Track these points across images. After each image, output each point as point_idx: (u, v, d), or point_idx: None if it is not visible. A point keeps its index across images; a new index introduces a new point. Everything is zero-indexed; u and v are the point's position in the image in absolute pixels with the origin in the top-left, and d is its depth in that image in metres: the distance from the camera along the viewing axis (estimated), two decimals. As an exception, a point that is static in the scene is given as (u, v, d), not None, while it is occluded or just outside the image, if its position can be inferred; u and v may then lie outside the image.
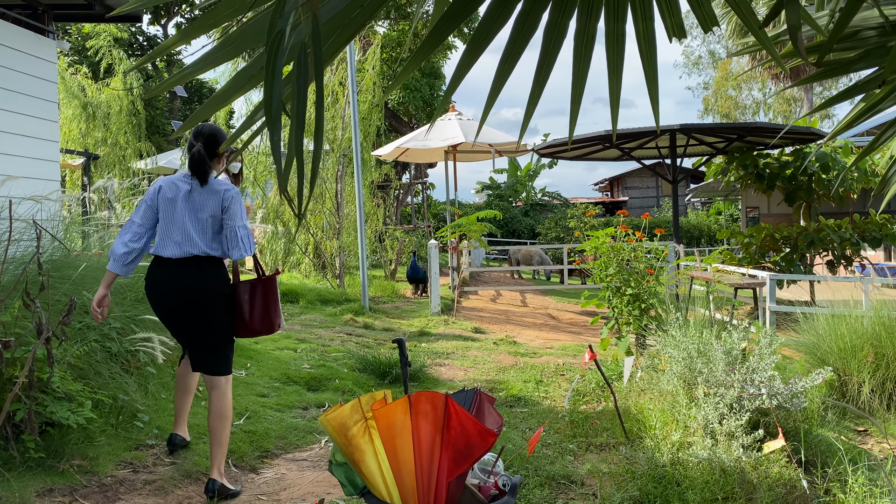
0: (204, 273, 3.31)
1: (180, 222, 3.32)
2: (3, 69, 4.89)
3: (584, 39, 1.91)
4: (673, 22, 1.85)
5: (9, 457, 3.07)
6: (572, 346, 7.69)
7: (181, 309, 3.30)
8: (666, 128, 9.93)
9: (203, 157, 3.34)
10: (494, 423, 2.23)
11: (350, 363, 6.03)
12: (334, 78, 10.93)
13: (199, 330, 3.33)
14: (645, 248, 6.02)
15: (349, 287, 10.95)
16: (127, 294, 4.51)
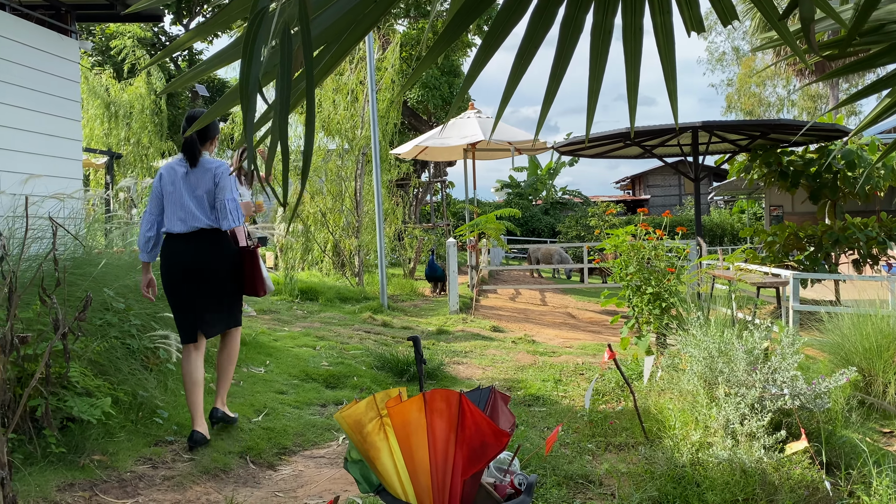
0: (210, 242, 3.83)
1: (182, 201, 3.82)
2: (27, 69, 4.96)
3: (601, 34, 1.89)
4: (691, 15, 1.83)
5: (30, 452, 3.12)
6: (592, 345, 7.64)
7: (193, 276, 3.80)
8: (687, 125, 9.83)
9: (194, 141, 3.84)
10: (508, 423, 2.22)
11: (368, 361, 6.04)
12: (353, 77, 10.96)
13: (210, 292, 3.84)
14: (666, 247, 5.96)
15: (368, 285, 10.98)
16: (147, 291, 4.55)
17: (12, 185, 4.79)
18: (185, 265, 3.80)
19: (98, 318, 3.99)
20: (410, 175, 16.23)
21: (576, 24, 1.86)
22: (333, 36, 1.57)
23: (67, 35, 5.27)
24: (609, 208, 22.05)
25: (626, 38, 1.90)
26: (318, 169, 11.22)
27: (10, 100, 4.80)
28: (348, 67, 11.09)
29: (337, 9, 1.58)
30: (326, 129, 11.34)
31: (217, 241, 3.85)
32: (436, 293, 11.71)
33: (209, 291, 3.84)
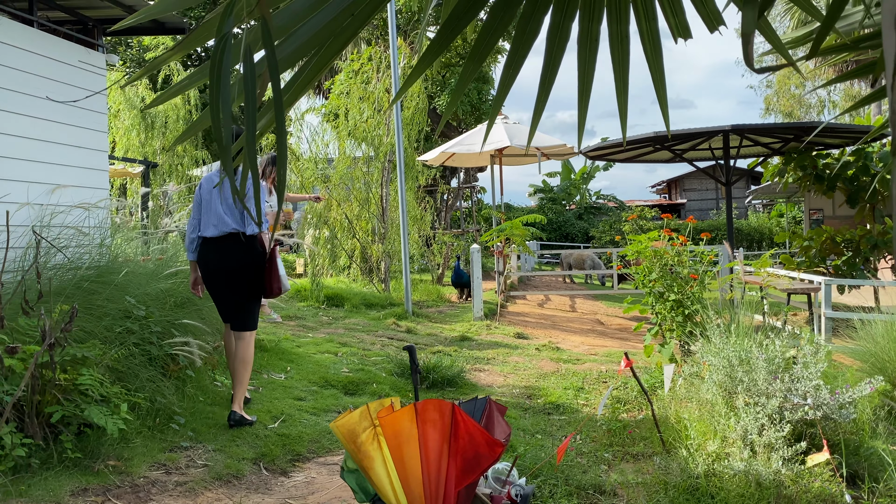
0: (237, 246, 4.29)
1: (215, 208, 4.31)
2: (56, 83, 5.11)
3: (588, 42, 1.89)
4: (677, 21, 1.81)
5: (47, 457, 3.20)
6: (618, 352, 7.56)
7: (221, 275, 4.31)
8: (717, 129, 9.67)
9: None
10: (503, 433, 2.20)
11: (389, 367, 6.06)
12: (380, 85, 11.04)
13: (231, 291, 4.33)
14: (690, 253, 5.87)
15: (394, 291, 11.02)
16: (167, 300, 4.64)
17: (39, 195, 4.93)
18: (216, 265, 4.31)
19: (118, 326, 4.08)
20: (438, 181, 16.25)
21: (562, 32, 1.86)
22: (310, 50, 1.59)
23: (94, 49, 5.41)
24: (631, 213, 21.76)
25: (612, 45, 1.89)
26: (345, 176, 11.31)
27: (38, 113, 4.95)
28: (374, 76, 11.17)
29: (313, 24, 1.59)
30: (353, 136, 11.43)
31: (244, 244, 4.30)
32: (462, 299, 11.71)
33: (232, 290, 4.34)
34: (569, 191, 38.40)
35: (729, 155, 10.82)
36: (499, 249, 11.00)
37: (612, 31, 1.84)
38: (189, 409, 4.23)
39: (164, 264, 5.24)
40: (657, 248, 5.79)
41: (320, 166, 11.70)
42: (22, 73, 4.86)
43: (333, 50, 1.62)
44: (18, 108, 4.85)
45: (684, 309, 5.48)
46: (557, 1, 1.80)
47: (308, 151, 11.69)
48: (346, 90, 11.70)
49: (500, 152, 11.87)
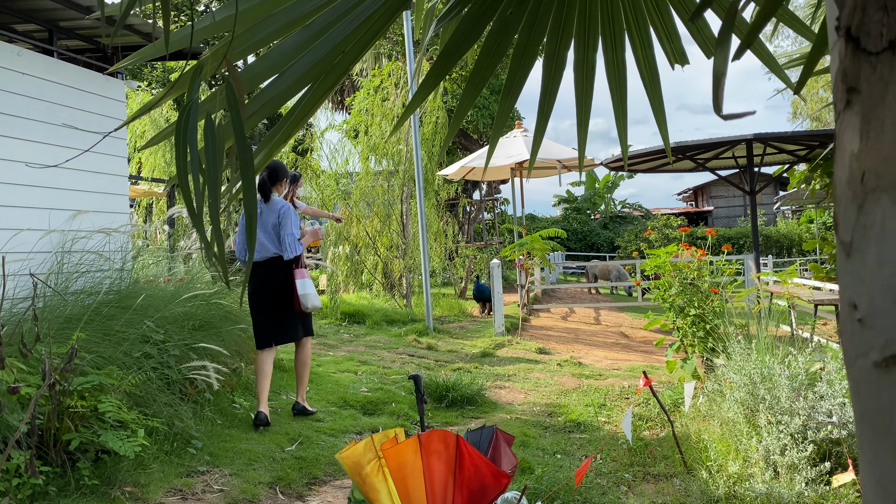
0: (277, 269, 4.79)
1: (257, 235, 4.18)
2: (76, 111, 5.21)
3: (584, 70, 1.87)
4: (673, 48, 1.79)
5: (64, 484, 3.24)
6: (642, 367, 7.46)
7: (270, 296, 4.79)
8: (739, 138, 9.56)
9: (265, 182, 4.87)
10: (509, 464, 2.18)
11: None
12: (398, 101, 11.10)
13: (277, 309, 4.80)
14: (710, 265, 5.79)
15: (416, 307, 11.03)
16: (186, 323, 4.69)
17: (61, 222, 5.03)
18: (259, 287, 4.80)
19: (137, 351, 4.13)
20: (460, 195, 16.27)
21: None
22: (299, 89, 1.59)
23: (114, 76, 5.51)
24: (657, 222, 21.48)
25: (609, 72, 1.88)
26: (366, 192, 11.38)
27: (58, 141, 5.05)
28: (393, 92, 11.25)
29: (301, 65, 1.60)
30: (374, 152, 11.50)
31: (281, 267, 4.79)
32: (484, 314, 11.67)
33: (276, 308, 4.80)
34: (593, 200, 38.19)
35: (753, 163, 10.67)
36: (520, 263, 10.96)
37: (608, 58, 1.83)
38: (207, 432, 4.26)
39: (185, 286, 5.29)
40: (676, 262, 5.72)
41: (341, 183, 11.78)
42: (43, 102, 4.97)
43: (325, 87, 1.62)
44: (40, 136, 4.96)
45: (705, 324, 5.40)
46: (552, 30, 1.80)
47: (329, 168, 11.78)
48: (367, 107, 11.79)
49: (521, 165, 11.85)
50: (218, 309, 5.17)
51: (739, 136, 9.58)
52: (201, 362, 4.33)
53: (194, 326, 4.78)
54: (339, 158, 11.69)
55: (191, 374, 4.29)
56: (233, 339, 5.14)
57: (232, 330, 5.16)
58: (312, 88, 1.66)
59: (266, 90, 1.61)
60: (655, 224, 23.59)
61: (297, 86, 1.63)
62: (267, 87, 1.61)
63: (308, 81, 1.63)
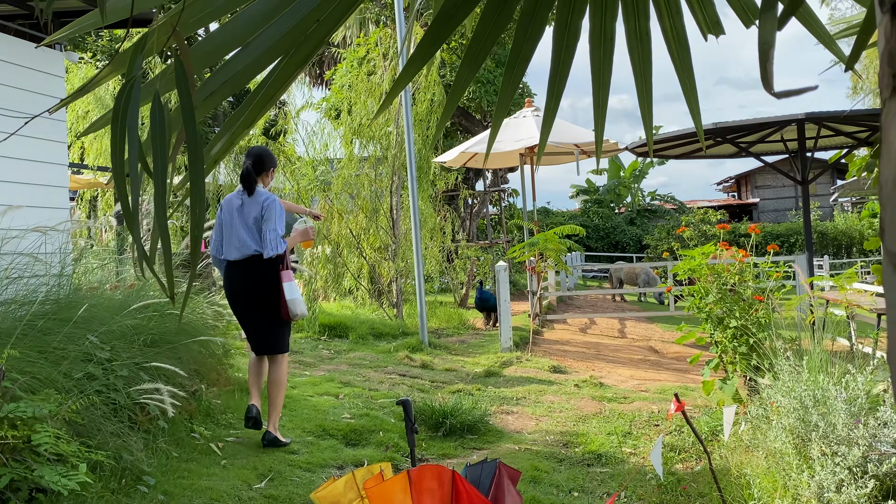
0: (259, 269, 4.93)
1: (237, 231, 4.95)
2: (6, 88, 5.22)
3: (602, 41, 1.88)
4: (705, 16, 1.79)
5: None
6: (674, 388, 7.48)
7: (245, 299, 4.98)
8: (790, 117, 9.58)
9: (250, 172, 5.02)
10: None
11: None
12: (387, 76, 11.12)
13: (258, 315, 5.00)
14: (754, 268, 5.80)
15: (408, 317, 11.04)
16: (135, 338, 4.69)
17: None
18: (239, 289, 5.00)
19: (77, 371, 4.13)
20: (460, 185, 16.28)
21: (570, 31, 1.86)
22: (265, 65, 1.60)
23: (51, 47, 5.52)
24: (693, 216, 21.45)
25: (630, 44, 1.88)
26: (349, 183, 11.40)
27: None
28: (381, 64, 11.26)
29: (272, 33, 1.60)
30: (358, 135, 11.52)
31: (262, 267, 4.94)
32: (489, 326, 11.69)
33: (257, 314, 5.01)
34: (618, 191, 38.23)
35: (805, 148, 10.70)
36: (531, 265, 10.97)
37: (630, 27, 1.83)
38: (161, 467, 4.26)
39: (135, 294, 5.30)
40: (714, 265, 5.73)
41: (320, 171, 11.79)
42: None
43: (296, 61, 1.63)
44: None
45: (748, 337, 5.40)
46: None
47: (305, 154, 11.79)
48: (350, 82, 11.80)
49: (532, 150, 11.86)
50: (174, 321, 5.17)
51: (789, 116, 9.60)
52: (154, 385, 4.33)
53: (146, 342, 4.78)
54: (318, 143, 11.70)
55: (142, 398, 4.29)
56: (191, 357, 5.14)
57: (190, 346, 5.17)
58: (282, 63, 1.67)
59: (229, 65, 1.61)
60: (691, 219, 23.60)
61: (265, 60, 1.64)
62: (230, 62, 1.61)
63: (277, 55, 1.64)
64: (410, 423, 2.37)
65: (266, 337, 5.06)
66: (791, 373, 4.42)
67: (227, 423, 5.37)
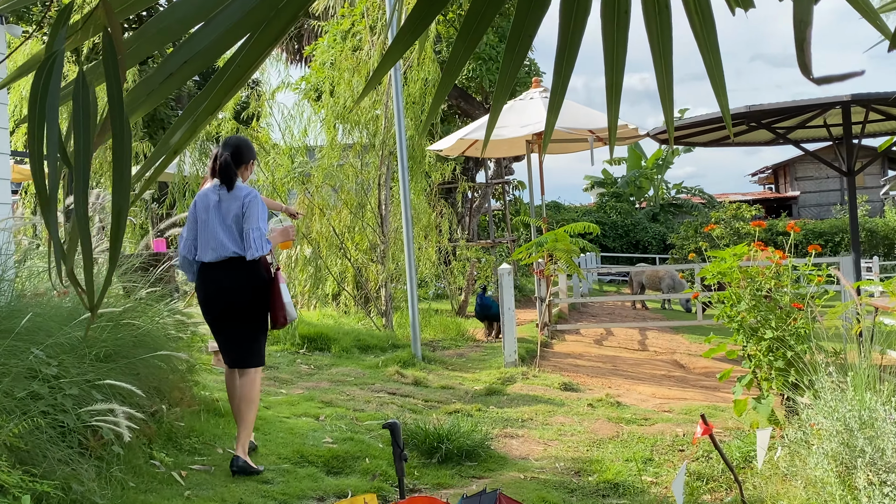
0: (238, 272, 5.04)
1: (213, 230, 5.03)
2: (-61, 65, 5.22)
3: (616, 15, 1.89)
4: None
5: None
6: (701, 407, 7.51)
7: (223, 305, 5.06)
8: (834, 99, 9.59)
9: (229, 165, 5.10)
10: (516, 540, 2.20)
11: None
12: (375, 52, 11.12)
13: (235, 322, 5.09)
14: (793, 271, 5.82)
15: (399, 328, 11.05)
16: (87, 352, 4.69)
17: (-81, 215, 5.03)
18: (215, 294, 5.08)
19: (21, 389, 4.13)
20: (459, 177, 16.30)
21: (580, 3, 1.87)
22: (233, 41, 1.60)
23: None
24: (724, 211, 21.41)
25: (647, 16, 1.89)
26: (331, 174, 11.40)
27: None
28: (368, 39, 11.27)
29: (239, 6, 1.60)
30: (342, 119, 11.52)
31: (246, 270, 5.05)
32: (490, 337, 11.70)
33: (234, 322, 5.11)
34: (638, 183, 38.32)
35: (851, 134, 10.72)
36: (539, 268, 10.98)
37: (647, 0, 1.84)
38: (115, 498, 4.26)
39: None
40: (747, 267, 5.74)
41: (298, 161, 11.80)
42: None
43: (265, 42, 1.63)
44: None
45: (786, 350, 5.42)
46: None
47: (282, 141, 11.80)
48: (333, 59, 11.81)
49: (540, 137, 11.87)
50: (130, 332, 5.18)
51: (833, 98, 9.62)
52: (108, 405, 4.34)
53: (99, 356, 4.78)
54: (296, 128, 11.69)
55: (94, 420, 4.29)
56: (150, 374, 5.14)
57: (149, 361, 5.16)
58: (252, 39, 1.67)
59: (191, 42, 1.61)
60: (721, 215, 23.60)
61: (232, 36, 1.64)
62: (192, 38, 1.61)
63: (246, 30, 1.64)
64: (399, 449, 2.38)
65: (242, 347, 5.15)
66: (834, 391, 4.43)
67: (191, 448, 5.37)
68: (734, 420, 6.24)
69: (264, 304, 5.14)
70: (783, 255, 5.70)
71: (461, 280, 14.75)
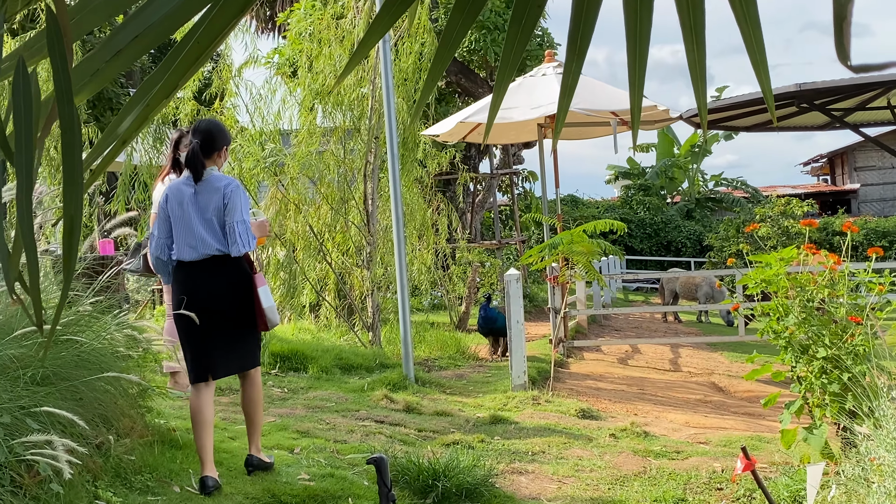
0: (223, 270, 5.32)
1: (190, 226, 5.25)
2: None
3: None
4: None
5: None
6: (742, 438, 7.52)
7: (206, 309, 5.23)
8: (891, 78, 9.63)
9: (196, 154, 5.28)
10: None
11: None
12: (361, 21, 11.13)
13: (224, 327, 5.35)
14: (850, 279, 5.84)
15: (388, 344, 11.06)
16: (20, 373, 4.70)
17: None
18: (198, 297, 5.27)
19: (-58, 417, 4.14)
20: (459, 167, 16.30)
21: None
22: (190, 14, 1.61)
23: None
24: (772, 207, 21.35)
25: None
26: (309, 163, 11.40)
27: None
28: (353, 5, 11.28)
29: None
30: (322, 97, 11.53)
31: (232, 268, 5.35)
32: (496, 355, 11.70)
33: (223, 326, 5.36)
34: (670, 174, 38.32)
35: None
36: (553, 274, 10.99)
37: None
38: (54, 545, 4.27)
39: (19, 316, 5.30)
40: (797, 274, 5.76)
41: (270, 148, 11.80)
42: None
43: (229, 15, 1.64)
44: None
45: (842, 372, 5.43)
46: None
47: (250, 125, 11.80)
48: (311, 29, 11.81)
49: (553, 120, 11.88)
50: (72, 350, 5.18)
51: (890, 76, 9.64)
52: (45, 436, 4.35)
53: (35, 378, 4.79)
54: (268, 110, 11.69)
55: (28, 454, 4.30)
56: (96, 399, 5.15)
57: (94, 384, 5.17)
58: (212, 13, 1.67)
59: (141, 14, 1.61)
60: (768, 212, 23.63)
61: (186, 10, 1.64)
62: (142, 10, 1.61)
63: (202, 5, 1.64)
64: (386, 489, 2.39)
65: (235, 351, 5.47)
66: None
67: (142, 486, 5.37)
68: (781, 453, 6.25)
69: (251, 302, 5.41)
70: (839, 259, 5.71)
71: (461, 288, 14.76)
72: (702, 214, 36.93)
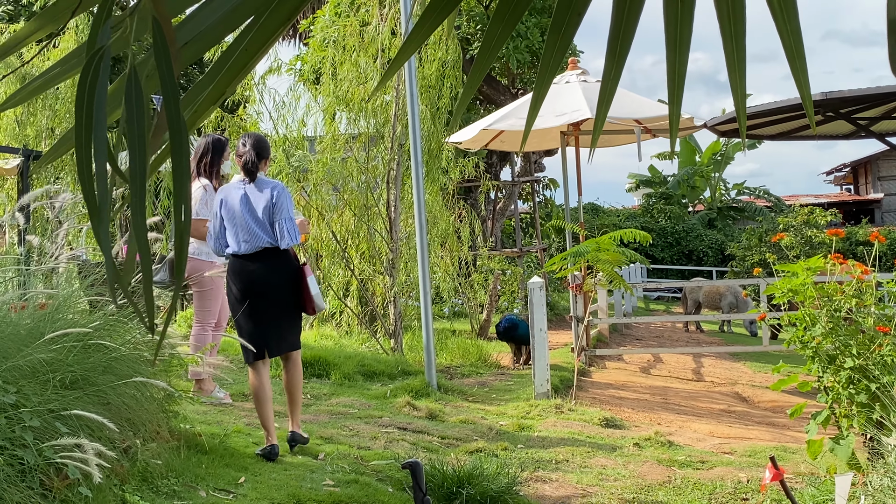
0: (273, 261, 6.10)
1: (244, 223, 6.04)
2: None
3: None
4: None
5: None
6: (768, 448, 7.50)
7: (260, 294, 6.08)
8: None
9: (254, 161, 6.15)
10: None
11: (400, 477, 6.10)
12: (385, 27, 11.17)
13: (276, 311, 6.16)
14: (877, 289, 5.82)
15: (410, 351, 11.06)
16: (50, 377, 4.73)
17: None
18: (253, 284, 6.09)
19: (-27, 420, 4.18)
20: (482, 174, 16.30)
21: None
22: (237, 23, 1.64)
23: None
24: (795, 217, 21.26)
25: None
26: (333, 171, 11.44)
27: None
28: (377, 13, 11.32)
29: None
30: (343, 105, 11.56)
31: (281, 259, 6.14)
32: (518, 363, 11.69)
33: (277, 310, 6.17)
34: (691, 182, 38.22)
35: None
36: (576, 283, 10.98)
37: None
38: (83, 548, 4.30)
39: (48, 318, 5.34)
40: (823, 284, 5.74)
41: (294, 156, 11.85)
42: None
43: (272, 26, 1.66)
44: None
45: (869, 382, 5.41)
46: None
47: (274, 132, 11.85)
48: (335, 36, 11.85)
49: (577, 127, 11.89)
50: (101, 355, 5.22)
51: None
52: (74, 439, 4.38)
53: (64, 383, 4.82)
54: (291, 117, 11.73)
55: (58, 457, 4.33)
56: (123, 404, 5.17)
57: (122, 389, 5.20)
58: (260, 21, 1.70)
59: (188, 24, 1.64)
60: (791, 221, 23.53)
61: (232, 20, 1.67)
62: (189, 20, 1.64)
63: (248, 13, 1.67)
64: (421, 493, 2.40)
65: (286, 332, 6.29)
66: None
67: (169, 490, 5.40)
68: (807, 464, 6.23)
69: (299, 289, 6.22)
70: (865, 269, 5.69)
71: (483, 296, 14.76)
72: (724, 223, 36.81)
